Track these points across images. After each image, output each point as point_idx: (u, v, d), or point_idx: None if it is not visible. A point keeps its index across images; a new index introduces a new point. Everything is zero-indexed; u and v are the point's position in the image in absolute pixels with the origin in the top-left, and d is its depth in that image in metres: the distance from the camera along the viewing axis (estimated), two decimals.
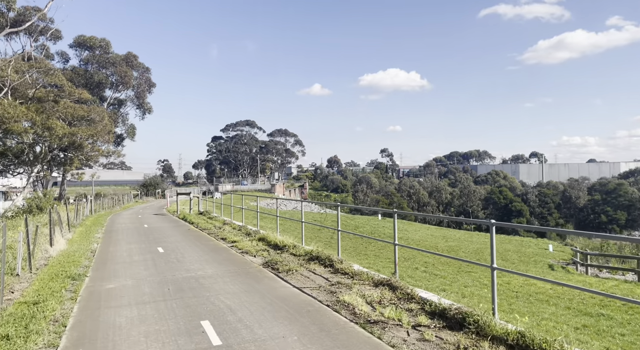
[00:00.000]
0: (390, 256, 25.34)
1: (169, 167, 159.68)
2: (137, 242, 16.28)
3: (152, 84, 57.95)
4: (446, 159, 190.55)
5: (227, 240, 15.65)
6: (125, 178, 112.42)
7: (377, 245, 29.32)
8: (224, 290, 8.55)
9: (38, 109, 34.25)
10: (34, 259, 11.60)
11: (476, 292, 16.69)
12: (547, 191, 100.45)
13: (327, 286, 8.37)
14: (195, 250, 13.76)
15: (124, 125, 57.95)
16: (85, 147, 39.94)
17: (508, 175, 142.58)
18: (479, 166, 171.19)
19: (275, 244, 13.45)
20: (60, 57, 53.89)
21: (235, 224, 20.13)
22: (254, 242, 14.38)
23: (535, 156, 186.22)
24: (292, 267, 10.10)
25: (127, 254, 13.51)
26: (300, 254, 11.54)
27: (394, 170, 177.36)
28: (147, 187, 74.29)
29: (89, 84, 50.81)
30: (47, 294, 8.42)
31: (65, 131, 35.36)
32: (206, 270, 10.62)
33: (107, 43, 54.47)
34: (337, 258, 10.15)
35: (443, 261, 24.61)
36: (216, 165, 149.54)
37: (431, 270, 21.55)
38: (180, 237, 17.34)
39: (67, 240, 16.61)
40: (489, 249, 26.70)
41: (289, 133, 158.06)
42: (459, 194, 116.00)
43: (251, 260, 11.79)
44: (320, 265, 10.19)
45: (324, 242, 27.57)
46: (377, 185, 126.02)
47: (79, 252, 13.66)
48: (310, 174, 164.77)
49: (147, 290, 8.77)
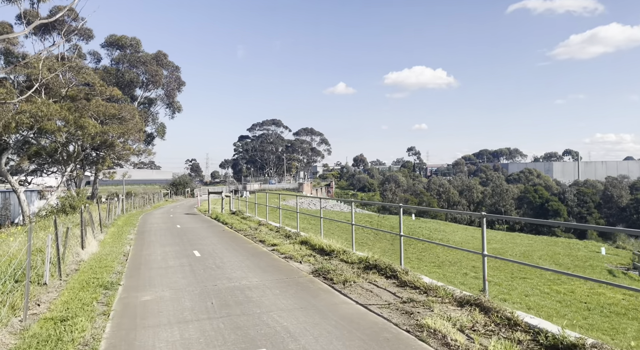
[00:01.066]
0: (434, 260, 23.76)
1: (197, 167, 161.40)
2: (171, 245, 15.35)
3: (182, 82, 57.84)
4: (475, 157, 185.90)
5: (266, 243, 14.52)
6: (154, 177, 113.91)
7: (416, 247, 27.78)
8: (275, 306, 7.34)
9: (70, 107, 34.15)
10: (64, 263, 10.72)
11: (541, 302, 14.99)
12: (586, 190, 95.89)
13: (397, 303, 7.05)
14: (234, 255, 12.67)
15: (154, 124, 58.07)
16: (117, 146, 39.82)
17: (542, 173, 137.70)
18: (510, 164, 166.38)
19: (321, 249, 12.21)
20: (92, 56, 54.33)
21: (271, 225, 19.02)
22: (296, 246, 13.18)
23: (569, 154, 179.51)
24: (348, 277, 8.82)
25: (161, 258, 12.54)
26: (353, 261, 10.25)
27: (421, 169, 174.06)
28: (176, 186, 74.61)
29: (119, 83, 50.96)
30: (76, 307, 7.41)
31: (97, 130, 35.19)
32: (250, 279, 9.47)
33: (138, 42, 54.57)
34: (400, 268, 8.81)
35: (492, 265, 22.90)
36: (243, 165, 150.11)
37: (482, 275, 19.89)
38: (215, 239, 16.34)
39: (99, 242, 15.84)
40: (537, 251, 24.58)
41: (314, 132, 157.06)
42: (491, 193, 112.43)
43: (297, 267, 10.58)
44: (380, 276, 8.87)
45: (363, 244, 26.20)
46: (404, 184, 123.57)
47: (112, 256, 12.78)
48: (336, 173, 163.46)
49: (188, 304, 7.66)
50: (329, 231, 31.56)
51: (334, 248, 11.65)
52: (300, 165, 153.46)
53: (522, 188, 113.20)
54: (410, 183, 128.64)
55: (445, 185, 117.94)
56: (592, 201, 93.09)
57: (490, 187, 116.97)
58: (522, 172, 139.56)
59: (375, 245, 25.54)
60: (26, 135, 33.70)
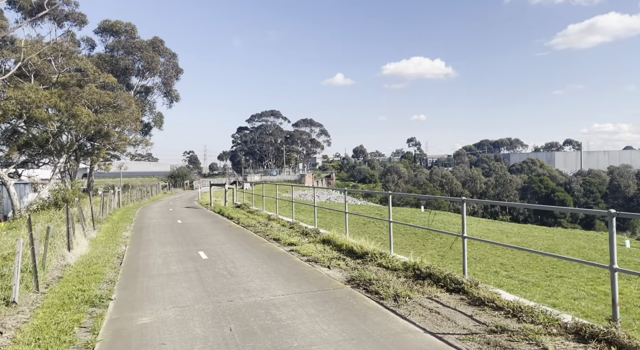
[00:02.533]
0: (457, 256, 21.93)
1: (195, 159, 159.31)
2: (172, 244, 13.48)
3: (180, 70, 55.54)
4: (476, 148, 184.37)
5: (282, 241, 12.67)
6: (152, 169, 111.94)
7: (434, 241, 26.00)
8: (316, 334, 5.49)
9: (62, 94, 32.07)
10: (44, 271, 8.86)
11: (594, 307, 13.17)
12: (592, 180, 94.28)
13: (484, 334, 5.20)
14: (247, 257, 10.81)
15: (151, 113, 55.92)
16: (112, 136, 37.80)
17: (544, 163, 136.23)
18: (511, 155, 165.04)
19: (349, 250, 10.37)
20: (86, 43, 51.86)
21: (283, 220, 17.17)
22: (319, 246, 11.34)
23: (570, 144, 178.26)
24: (399, 290, 6.98)
25: (162, 262, 10.68)
26: (395, 268, 8.41)
27: (422, 160, 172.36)
28: (175, 178, 72.65)
29: (114, 70, 48.69)
30: (50, 337, 5.56)
31: (90, 118, 33.15)
32: (273, 291, 7.62)
33: (133, 28, 52.23)
34: (465, 278, 6.96)
35: (520, 262, 21.12)
36: (241, 156, 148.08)
37: (514, 274, 18.14)
38: (223, 237, 14.46)
39: (91, 241, 13.96)
40: (562, 245, 22.02)
41: (314, 123, 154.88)
42: (494, 184, 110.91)
43: (327, 274, 8.74)
44: (440, 289, 7.03)
45: (378, 239, 24.37)
46: (406, 175, 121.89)
47: (103, 258, 10.92)
48: (336, 164, 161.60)
49: (199, 330, 5.81)
50: (339, 225, 29.77)
51: (367, 249, 9.80)
52: (299, 156, 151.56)
53: (525, 178, 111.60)
54: (411, 174, 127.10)
55: (448, 176, 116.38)
56: (598, 191, 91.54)
57: (494, 177, 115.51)
58: (525, 162, 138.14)
59: (400, 243, 23.69)
60: (15, 124, 31.68)
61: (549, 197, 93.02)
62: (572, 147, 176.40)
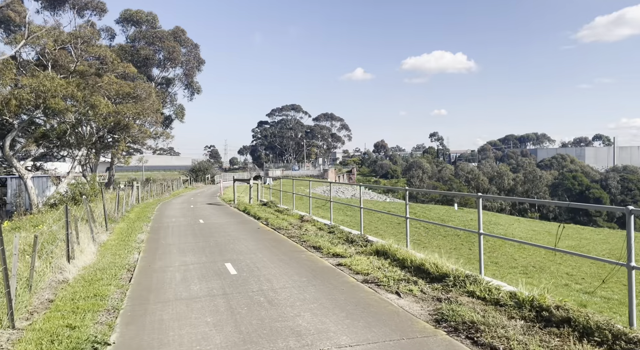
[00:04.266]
0: (511, 262, 19.35)
1: (216, 153, 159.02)
2: (193, 251, 11.40)
3: (201, 60, 53.82)
4: (501, 143, 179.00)
5: (325, 251, 10.42)
6: (174, 163, 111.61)
7: (474, 246, 23.30)
8: None
9: (79, 83, 30.51)
10: (31, 292, 6.84)
11: None
12: (631, 176, 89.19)
13: None
14: (286, 273, 8.60)
15: (172, 105, 54.45)
16: (132, 128, 36.23)
17: (575, 159, 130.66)
18: (538, 150, 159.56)
19: (418, 268, 8.05)
20: (106, 33, 50.60)
21: (318, 221, 14.94)
22: (373, 260, 9.06)
23: (600, 139, 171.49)
24: (530, 348, 4.65)
25: (180, 277, 8.57)
26: (498, 301, 6.05)
27: (445, 155, 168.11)
28: (196, 172, 71.34)
29: (135, 61, 47.21)
30: None
31: (109, 109, 31.55)
32: (335, 336, 5.36)
33: (154, 17, 50.69)
34: (621, 329, 4.57)
35: (587, 271, 18.40)
36: (261, 151, 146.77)
37: (588, 287, 15.49)
38: (252, 243, 12.31)
39: (100, 246, 12.01)
40: (621, 250, 17.73)
41: (335, 117, 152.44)
42: (523, 180, 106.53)
43: (399, 305, 6.45)
44: (595, 347, 4.65)
45: (425, 244, 21.94)
46: (429, 171, 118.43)
47: (110, 272, 8.87)
48: (357, 159, 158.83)
49: None
50: (371, 224, 27.45)
51: (446, 270, 7.46)
52: (319, 151, 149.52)
53: (556, 174, 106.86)
54: (434, 169, 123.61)
55: (474, 171, 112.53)
56: (637, 188, 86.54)
57: (522, 173, 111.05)
58: (555, 157, 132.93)
59: (445, 246, 21.22)
60: (32, 115, 30.30)
61: (583, 195, 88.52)
62: (601, 143, 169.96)
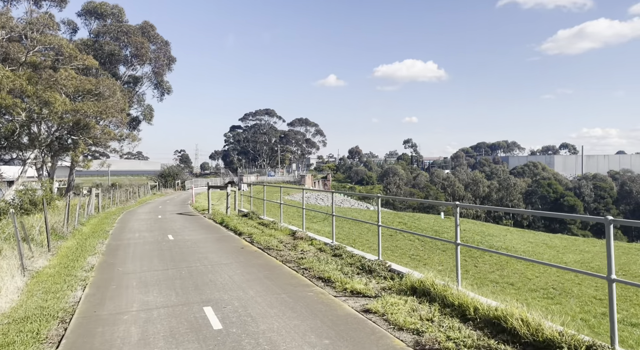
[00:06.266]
0: (526, 283, 17.16)
1: (186, 158, 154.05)
2: (159, 285, 8.51)
3: (172, 58, 50.24)
4: (473, 150, 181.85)
5: (338, 286, 7.77)
6: (142, 168, 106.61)
7: (484, 260, 21.21)
8: None
9: (31, 77, 26.93)
10: None
11: None
12: (603, 184, 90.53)
13: None
14: (295, 330, 5.91)
15: (140, 106, 50.55)
16: (94, 129, 32.56)
17: (547, 167, 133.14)
18: (509, 158, 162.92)
19: (491, 322, 5.54)
20: (67, 26, 46.47)
21: (316, 239, 12.27)
22: (414, 304, 6.49)
23: (566, 148, 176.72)
24: None
25: (138, 339, 5.73)
26: None
27: (418, 162, 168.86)
28: (165, 177, 67.20)
29: (99, 57, 43.40)
30: None
31: (66, 107, 28.04)
32: None
33: (120, 10, 46.96)
34: None
35: (620, 293, 16.16)
36: (234, 156, 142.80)
37: (630, 317, 13.37)
38: (238, 271, 9.51)
39: (32, 277, 8.95)
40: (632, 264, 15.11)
41: (309, 122, 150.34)
42: (498, 187, 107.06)
43: None
44: None
45: (426, 262, 19.55)
46: (404, 177, 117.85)
47: (31, 327, 5.94)
48: (332, 165, 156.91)
49: None
50: (361, 237, 24.97)
51: (548, 333, 4.97)
52: (293, 156, 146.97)
53: (529, 182, 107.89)
54: (409, 176, 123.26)
55: (450, 178, 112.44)
56: (609, 196, 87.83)
57: (497, 180, 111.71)
58: (527, 165, 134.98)
59: (446, 263, 18.81)
60: None
61: (557, 202, 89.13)
62: (568, 151, 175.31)
